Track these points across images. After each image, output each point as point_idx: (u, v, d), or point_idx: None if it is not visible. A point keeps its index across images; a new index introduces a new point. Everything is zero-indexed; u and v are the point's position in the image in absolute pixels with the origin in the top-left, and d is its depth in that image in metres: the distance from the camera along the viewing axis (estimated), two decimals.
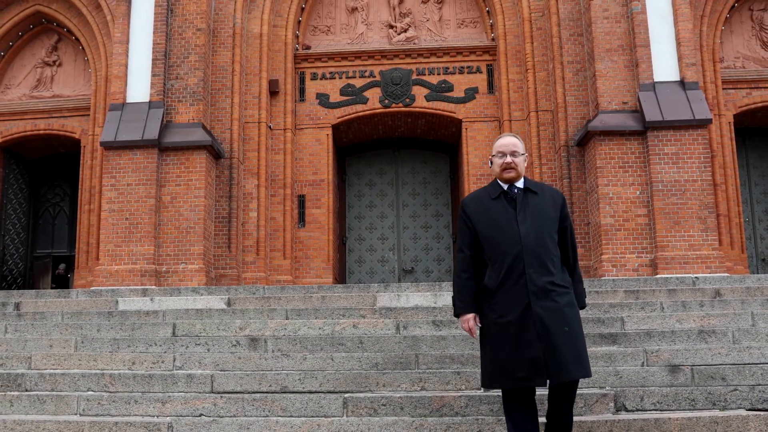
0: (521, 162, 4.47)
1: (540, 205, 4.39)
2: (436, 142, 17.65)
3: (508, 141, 4.51)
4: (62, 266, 17.21)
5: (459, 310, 4.48)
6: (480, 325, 4.44)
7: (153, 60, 14.40)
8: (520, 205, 4.37)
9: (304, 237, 15.63)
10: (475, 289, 4.43)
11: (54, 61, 16.84)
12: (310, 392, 6.56)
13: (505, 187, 4.47)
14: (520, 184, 4.47)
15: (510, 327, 4.19)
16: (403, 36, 16.43)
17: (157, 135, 13.81)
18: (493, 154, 4.53)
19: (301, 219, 15.71)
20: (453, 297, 4.54)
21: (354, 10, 16.75)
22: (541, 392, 4.83)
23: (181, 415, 6.17)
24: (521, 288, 4.19)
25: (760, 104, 15.39)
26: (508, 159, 4.43)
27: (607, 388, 6.23)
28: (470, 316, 4.42)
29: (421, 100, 16.08)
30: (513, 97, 15.55)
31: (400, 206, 17.25)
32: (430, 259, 17.01)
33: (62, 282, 17.00)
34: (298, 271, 15.45)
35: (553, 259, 4.28)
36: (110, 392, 6.75)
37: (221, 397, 6.33)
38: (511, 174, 4.43)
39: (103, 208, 13.86)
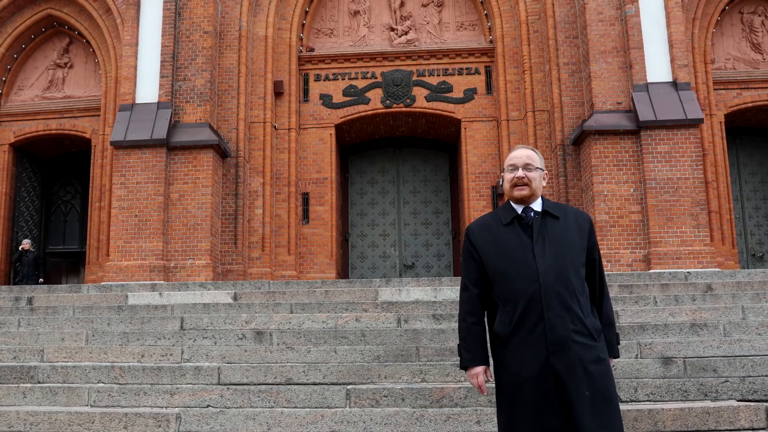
0: (537, 178, 3.54)
1: (562, 232, 3.47)
2: (436, 141, 17.63)
3: (521, 153, 3.60)
4: (26, 241, 15.79)
5: (466, 362, 3.56)
6: (491, 380, 3.56)
7: (161, 62, 14.40)
8: (538, 232, 3.45)
9: (308, 233, 15.62)
10: (485, 336, 3.55)
11: (65, 63, 16.82)
12: (314, 384, 6.55)
13: (519, 210, 3.52)
14: (537, 206, 3.53)
15: (525, 386, 3.28)
16: (404, 38, 16.41)
17: (166, 135, 13.81)
18: (503, 169, 3.63)
19: (305, 216, 15.70)
20: (459, 345, 3.62)
21: (356, 13, 16.72)
22: None
23: (189, 406, 6.17)
24: (539, 336, 3.28)
25: (750, 104, 15.36)
26: (520, 173, 3.52)
27: None
28: (479, 369, 3.51)
29: (421, 101, 16.06)
30: (510, 97, 15.52)
31: (401, 203, 17.23)
32: (430, 255, 16.99)
33: (30, 261, 15.52)
34: (302, 267, 15.44)
35: (579, 299, 3.35)
36: (120, 384, 6.75)
37: (228, 388, 6.33)
38: (524, 192, 3.50)
39: (113, 205, 13.87)
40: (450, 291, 9.53)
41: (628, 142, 13.55)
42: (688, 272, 10.74)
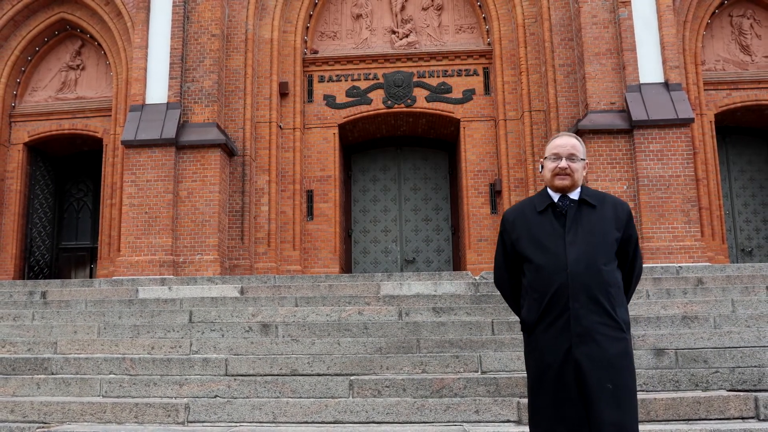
0: (579, 168, 3.40)
1: (598, 221, 3.31)
2: (436, 141, 17.60)
3: (566, 141, 3.43)
4: None
5: None
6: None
7: (170, 64, 14.37)
8: (571, 221, 3.31)
9: (313, 229, 15.61)
10: None
11: (78, 65, 16.80)
12: (318, 375, 6.55)
13: (556, 198, 3.39)
14: (575, 195, 3.39)
15: (547, 376, 3.19)
16: (404, 41, 16.37)
17: (175, 134, 13.79)
18: (545, 156, 3.47)
19: (310, 212, 15.69)
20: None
21: (359, 16, 16.70)
22: None
23: (197, 397, 6.17)
24: (563, 327, 3.16)
25: (739, 104, 15.31)
26: (563, 163, 3.36)
27: None
28: None
29: (421, 101, 16.03)
30: (508, 98, 15.49)
31: (402, 200, 17.21)
32: (431, 250, 16.98)
33: None
34: (307, 262, 15.43)
35: (609, 291, 3.21)
36: (131, 375, 6.75)
37: (235, 379, 6.33)
38: (565, 182, 3.36)
39: (124, 202, 13.86)
40: (449, 285, 9.52)
41: (622, 141, 13.53)
42: (679, 267, 10.71)
